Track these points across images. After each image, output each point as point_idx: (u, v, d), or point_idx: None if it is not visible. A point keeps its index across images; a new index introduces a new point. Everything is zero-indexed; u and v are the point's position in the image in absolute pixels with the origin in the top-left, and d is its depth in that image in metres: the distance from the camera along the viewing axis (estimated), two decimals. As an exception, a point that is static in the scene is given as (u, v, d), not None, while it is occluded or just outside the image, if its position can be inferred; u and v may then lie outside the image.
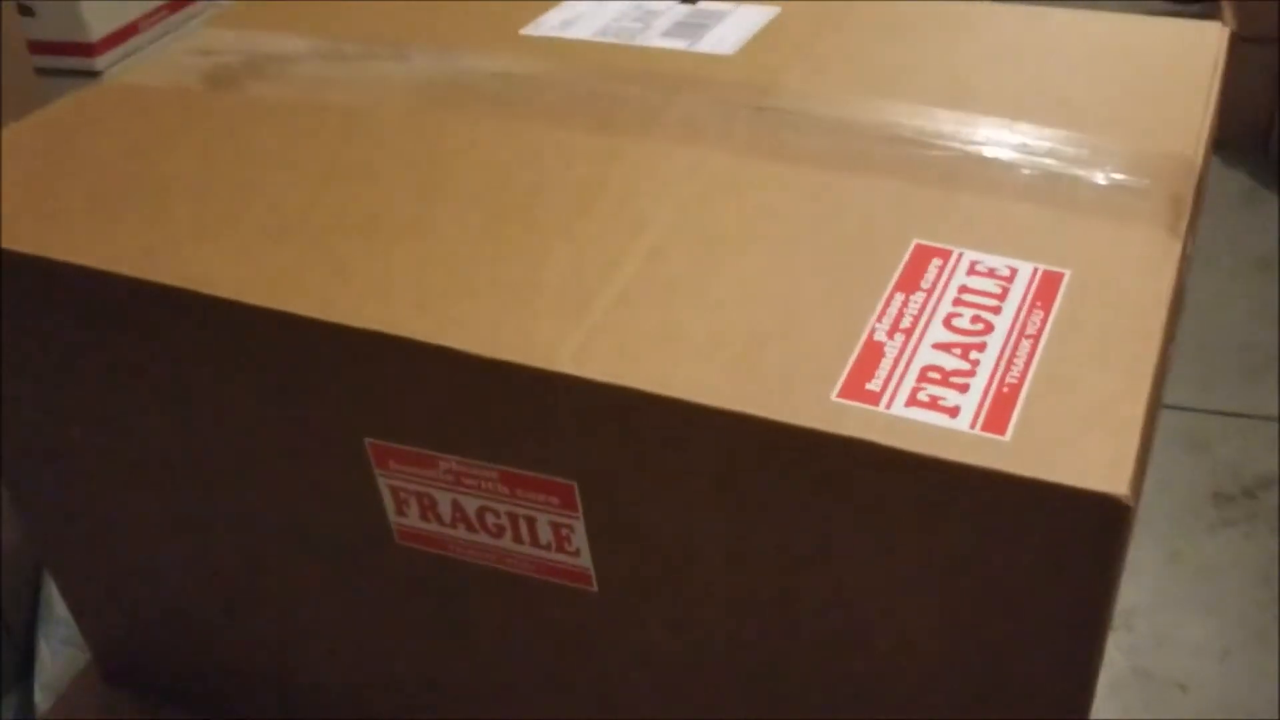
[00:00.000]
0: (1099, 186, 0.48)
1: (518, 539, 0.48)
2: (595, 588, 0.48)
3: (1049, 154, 0.50)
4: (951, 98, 0.55)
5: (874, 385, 0.40)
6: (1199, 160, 0.50)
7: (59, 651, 0.88)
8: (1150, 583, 1.48)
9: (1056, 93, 0.55)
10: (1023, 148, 0.51)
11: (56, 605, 0.90)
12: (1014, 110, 0.53)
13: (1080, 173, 0.49)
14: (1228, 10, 1.54)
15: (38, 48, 1.50)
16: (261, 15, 0.68)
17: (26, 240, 0.51)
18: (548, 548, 0.48)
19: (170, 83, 0.63)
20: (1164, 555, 1.48)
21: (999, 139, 0.51)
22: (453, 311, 0.45)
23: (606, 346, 0.43)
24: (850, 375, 0.40)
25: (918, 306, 0.43)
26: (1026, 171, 0.49)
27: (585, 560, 0.47)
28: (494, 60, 0.60)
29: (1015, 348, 0.41)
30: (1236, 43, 0.59)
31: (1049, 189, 0.48)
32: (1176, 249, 0.45)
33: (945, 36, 0.61)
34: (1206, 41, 0.58)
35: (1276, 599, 1.20)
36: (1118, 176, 0.49)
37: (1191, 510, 1.50)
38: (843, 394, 0.40)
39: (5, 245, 0.51)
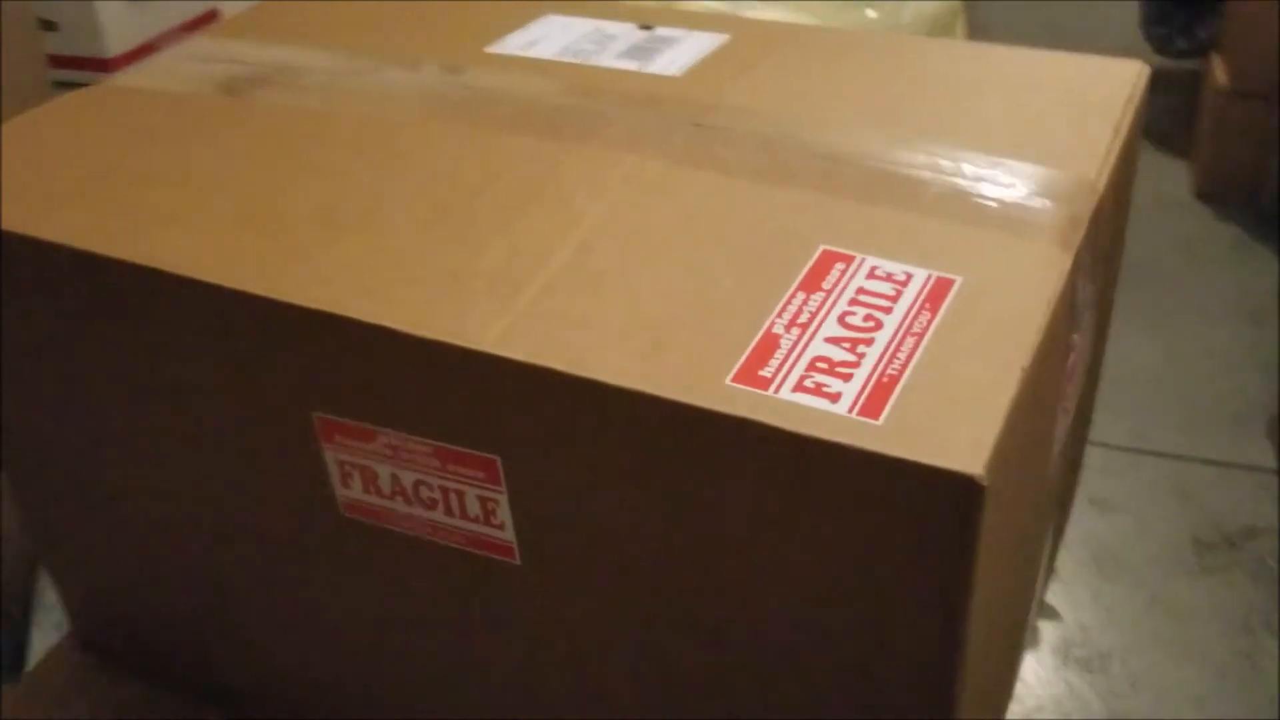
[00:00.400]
0: (1002, 204, 0.52)
1: (449, 512, 0.51)
2: (518, 560, 0.51)
3: (959, 174, 0.54)
4: (877, 120, 0.58)
5: (766, 372, 0.44)
6: (1101, 183, 0.54)
7: (49, 637, 0.92)
8: (1128, 627, 1.50)
9: (976, 119, 0.59)
10: (935, 167, 0.54)
11: (49, 593, 0.94)
12: (934, 133, 0.57)
13: (986, 191, 0.53)
14: (1218, 64, 1.57)
15: (58, 61, 1.56)
16: (246, 28, 0.73)
17: (12, 220, 0.56)
18: (476, 520, 0.51)
19: (162, 85, 0.67)
20: (1143, 600, 1.50)
21: (915, 159, 0.55)
22: (394, 295, 0.49)
23: (530, 330, 0.47)
24: (746, 363, 0.44)
25: (816, 305, 0.47)
26: (936, 189, 0.53)
27: (509, 534, 0.51)
28: (457, 74, 0.64)
29: (900, 343, 0.45)
30: (1153, 80, 0.62)
31: (955, 205, 0.52)
32: (1066, 261, 0.48)
33: (880, 65, 0.64)
34: (1125, 76, 0.62)
35: (1254, 647, 1.22)
36: (1021, 196, 0.52)
37: (1172, 556, 1.52)
38: (736, 379, 0.43)
39: (11, 227, 0.55)
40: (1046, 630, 1.48)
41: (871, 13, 1.16)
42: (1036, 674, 1.44)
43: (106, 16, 1.51)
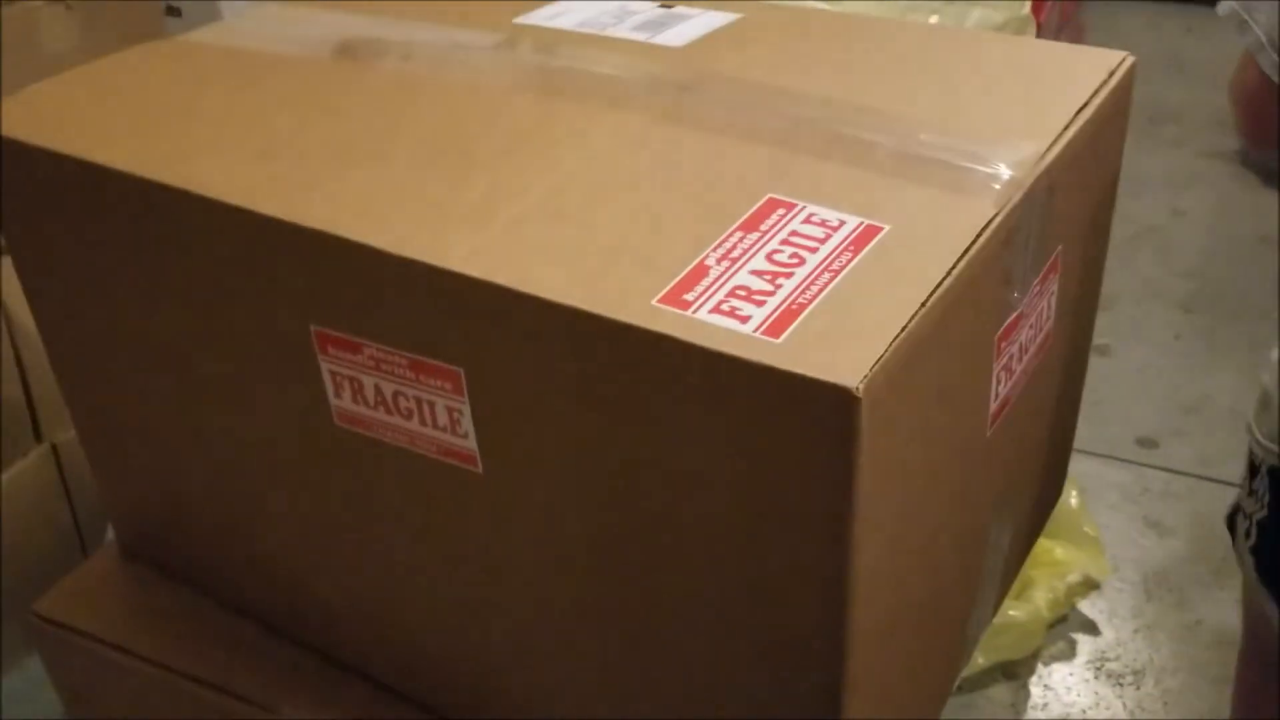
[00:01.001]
0: (948, 166, 0.55)
1: (423, 421, 0.57)
2: (480, 469, 0.57)
3: (914, 139, 0.57)
4: (851, 91, 0.62)
5: (689, 296, 0.48)
6: (1051, 155, 0.57)
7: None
8: (1166, 646, 1.49)
9: (947, 94, 0.62)
10: (893, 132, 0.58)
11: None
12: (902, 104, 0.61)
13: (935, 155, 0.56)
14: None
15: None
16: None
17: (75, 145, 0.63)
18: (444, 430, 0.56)
19: (220, 41, 0.75)
20: (1186, 623, 1.48)
21: (876, 124, 0.59)
22: (383, 219, 0.55)
23: (492, 253, 0.52)
24: (673, 288, 0.49)
25: (750, 243, 0.51)
26: (888, 151, 0.57)
27: (472, 443, 0.56)
28: (480, 39, 0.70)
29: (816, 279, 0.49)
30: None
31: (903, 165, 0.56)
32: (990, 215, 0.52)
33: (872, 45, 0.68)
34: (1105, 64, 0.64)
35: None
36: (967, 160, 0.56)
37: (1221, 584, 1.50)
38: (662, 300, 0.48)
39: (60, 149, 0.63)
40: (1082, 642, 1.48)
41: (935, 18, 1.19)
42: (1066, 682, 1.44)
43: (226, 4, 1.62)
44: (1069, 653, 1.45)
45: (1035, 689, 1.40)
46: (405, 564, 0.64)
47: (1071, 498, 1.43)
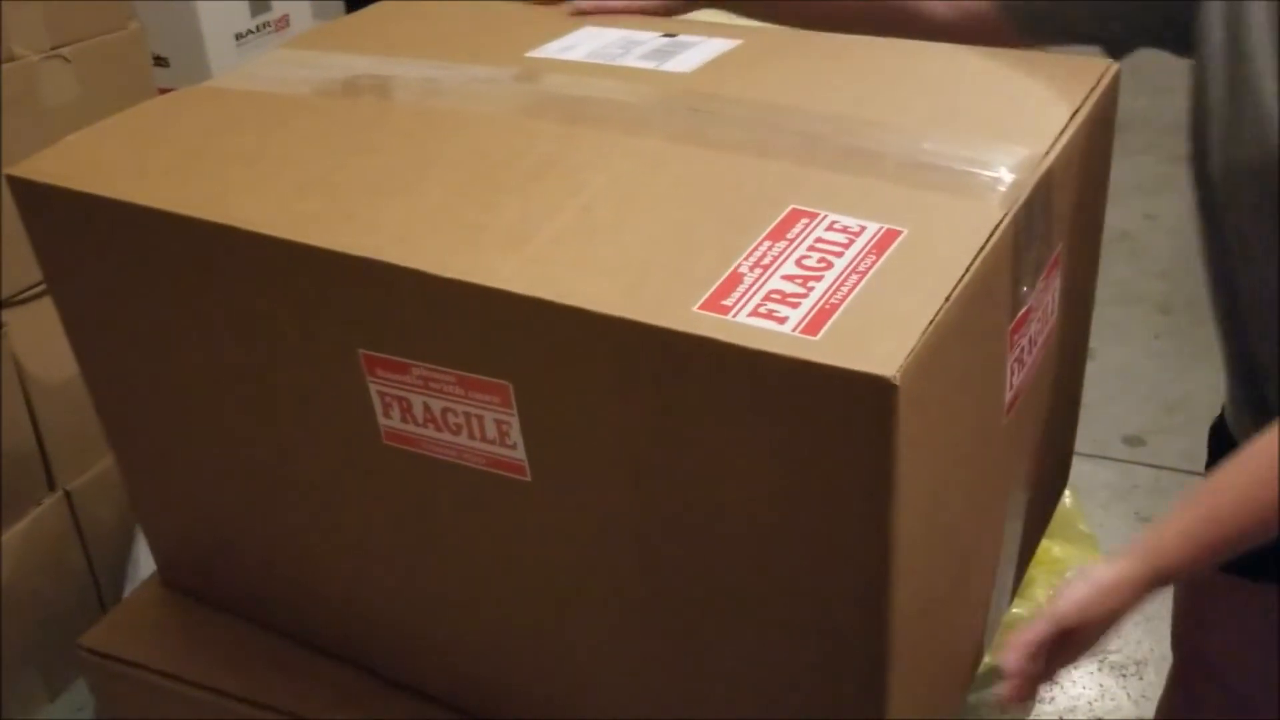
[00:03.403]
0: (954, 172, 0.59)
1: (471, 435, 0.60)
2: (529, 477, 0.59)
3: (920, 149, 0.61)
4: (855, 106, 0.66)
5: (728, 302, 0.51)
6: (1051, 158, 0.61)
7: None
8: (1168, 637, 1.53)
9: (946, 105, 0.66)
10: (901, 143, 0.62)
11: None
12: (906, 117, 0.65)
13: (941, 162, 0.60)
14: None
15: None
16: (314, 42, 0.84)
17: (116, 189, 0.66)
18: (493, 442, 0.59)
19: (244, 86, 0.78)
20: (1184, 611, 1.52)
21: (884, 137, 0.62)
22: (424, 244, 0.58)
23: (533, 271, 0.55)
24: (712, 295, 0.52)
25: (779, 251, 0.54)
26: (898, 160, 0.60)
27: (521, 454, 0.59)
28: (497, 73, 0.74)
29: (845, 280, 0.52)
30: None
31: (912, 173, 0.59)
32: (1001, 216, 0.55)
33: (872, 63, 0.72)
34: (1093, 72, 0.68)
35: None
36: (972, 166, 0.59)
37: (1219, 577, 1.54)
38: (702, 307, 0.51)
39: (106, 194, 0.66)
40: None
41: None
42: (1070, 676, 1.47)
43: (214, 53, 1.65)
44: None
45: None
46: (456, 577, 0.67)
47: (1066, 498, 1.47)
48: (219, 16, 1.66)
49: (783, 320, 0.50)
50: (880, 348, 0.48)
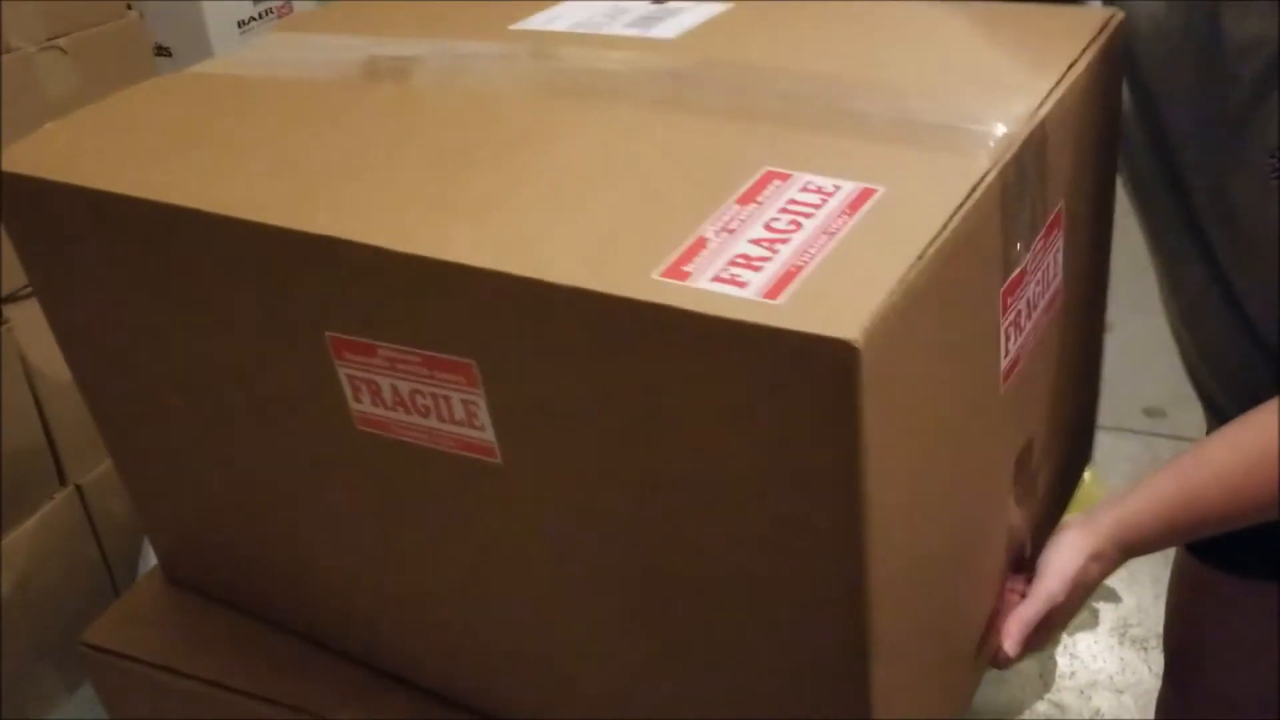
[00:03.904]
0: (941, 129, 0.56)
1: (440, 417, 0.58)
2: (499, 459, 0.57)
3: (908, 106, 0.58)
4: (843, 66, 0.63)
5: (689, 268, 0.49)
6: (1043, 111, 0.57)
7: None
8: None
9: (939, 62, 0.63)
10: (888, 101, 0.58)
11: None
12: (895, 75, 0.62)
13: (929, 119, 0.57)
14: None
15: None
16: (301, 25, 0.82)
17: (87, 177, 0.65)
18: (462, 424, 0.57)
19: (226, 71, 0.77)
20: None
21: (871, 96, 0.59)
22: (387, 221, 0.56)
23: (495, 244, 0.53)
24: (674, 262, 0.49)
25: (747, 214, 0.51)
26: (884, 119, 0.57)
27: (490, 435, 0.57)
28: (479, 48, 0.72)
29: (814, 242, 0.49)
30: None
31: (898, 131, 0.56)
32: (981, 170, 0.52)
33: (858, 22, 0.69)
34: (1095, 20, 0.65)
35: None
36: (961, 122, 0.56)
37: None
38: (664, 274, 0.49)
39: (75, 181, 0.65)
40: (1105, 611, 1.47)
41: None
42: (1091, 650, 1.43)
43: (217, 43, 1.65)
44: (1092, 622, 1.45)
45: (1062, 659, 1.40)
46: (434, 563, 0.65)
47: (1085, 475, 1.43)
48: (222, 5, 1.65)
49: (744, 285, 0.47)
50: (843, 310, 0.45)
